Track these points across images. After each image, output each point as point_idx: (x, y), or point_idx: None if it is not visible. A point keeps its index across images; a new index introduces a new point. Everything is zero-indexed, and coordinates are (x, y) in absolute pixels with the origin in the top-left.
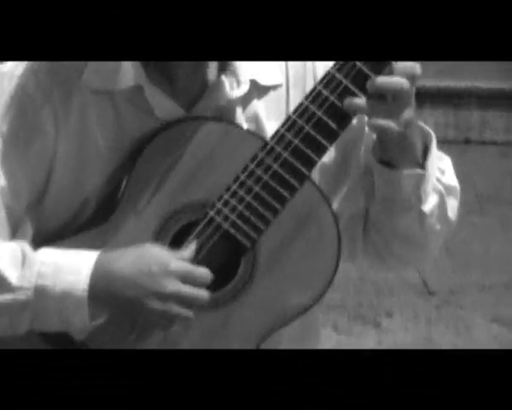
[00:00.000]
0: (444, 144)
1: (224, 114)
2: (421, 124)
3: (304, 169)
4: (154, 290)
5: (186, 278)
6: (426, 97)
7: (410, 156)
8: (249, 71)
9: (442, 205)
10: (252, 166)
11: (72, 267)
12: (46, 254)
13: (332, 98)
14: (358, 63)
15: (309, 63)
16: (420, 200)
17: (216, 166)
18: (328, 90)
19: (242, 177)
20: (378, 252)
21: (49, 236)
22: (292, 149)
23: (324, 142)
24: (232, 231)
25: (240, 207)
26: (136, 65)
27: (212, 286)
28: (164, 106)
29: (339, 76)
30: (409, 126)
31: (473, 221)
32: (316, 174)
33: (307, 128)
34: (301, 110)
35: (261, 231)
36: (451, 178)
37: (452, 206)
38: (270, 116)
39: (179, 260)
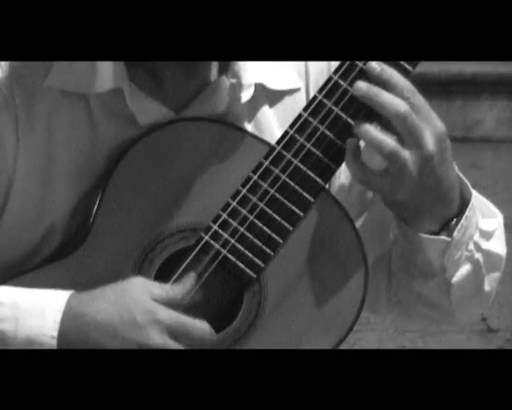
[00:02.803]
0: (508, 144)
1: None
2: (458, 174)
3: (319, 179)
4: (135, 342)
5: (175, 332)
6: (484, 86)
7: (427, 220)
8: (255, 73)
9: (477, 277)
10: (255, 177)
11: (37, 310)
12: (3, 293)
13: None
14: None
15: (334, 63)
16: (444, 269)
17: (210, 180)
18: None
19: (244, 191)
20: (402, 307)
21: (5, 270)
22: (304, 154)
23: (344, 144)
24: (233, 258)
25: (241, 229)
26: (117, 64)
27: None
28: (149, 111)
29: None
30: (414, 192)
31: None
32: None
33: (322, 128)
34: (315, 106)
35: (269, 257)
36: (498, 244)
37: (492, 278)
38: (284, 127)
39: (169, 309)
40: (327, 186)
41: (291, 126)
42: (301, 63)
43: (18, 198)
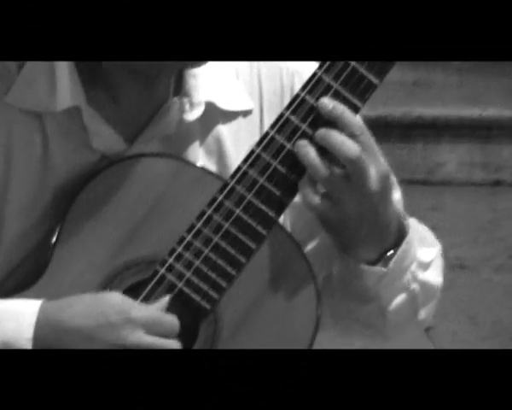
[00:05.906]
0: (469, 187)
1: (175, 144)
2: (397, 210)
3: (272, 213)
4: (112, 343)
5: (150, 328)
6: (445, 130)
7: (364, 250)
8: (206, 92)
9: (411, 306)
10: (209, 211)
11: (11, 313)
12: None
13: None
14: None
15: (287, 84)
16: (379, 297)
17: (165, 214)
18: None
19: (198, 225)
20: (342, 325)
21: None
22: (257, 189)
23: (296, 178)
24: (188, 290)
25: (196, 262)
26: (74, 84)
27: None
28: (102, 135)
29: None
30: (354, 217)
31: (503, 281)
32: (287, 217)
33: (274, 163)
34: (267, 141)
35: (223, 289)
36: (435, 275)
37: (427, 307)
38: (239, 149)
39: (141, 307)
40: None
41: (244, 161)
42: (255, 84)
43: None
